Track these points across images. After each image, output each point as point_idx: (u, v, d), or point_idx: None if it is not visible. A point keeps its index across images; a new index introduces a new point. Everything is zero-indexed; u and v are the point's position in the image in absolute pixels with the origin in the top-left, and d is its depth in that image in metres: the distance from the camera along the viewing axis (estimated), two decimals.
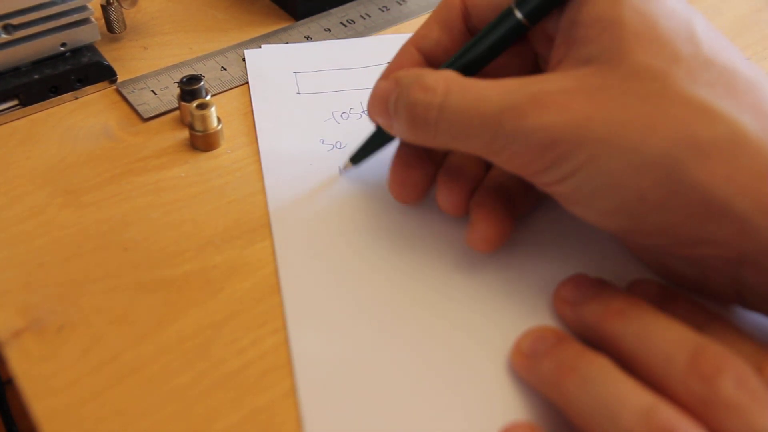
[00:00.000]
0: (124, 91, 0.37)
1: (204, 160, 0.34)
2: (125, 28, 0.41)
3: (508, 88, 0.24)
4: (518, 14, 0.26)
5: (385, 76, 0.29)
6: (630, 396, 0.21)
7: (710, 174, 0.22)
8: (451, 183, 0.29)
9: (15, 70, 0.36)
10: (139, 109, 0.36)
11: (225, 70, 0.39)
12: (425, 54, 0.29)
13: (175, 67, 0.39)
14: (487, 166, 0.30)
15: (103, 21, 0.40)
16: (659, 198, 0.22)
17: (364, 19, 0.43)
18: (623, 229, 0.25)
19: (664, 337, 0.22)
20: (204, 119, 0.33)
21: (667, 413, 0.20)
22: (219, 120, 0.34)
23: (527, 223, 0.30)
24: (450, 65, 0.28)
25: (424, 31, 0.30)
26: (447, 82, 0.25)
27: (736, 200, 0.21)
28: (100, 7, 0.39)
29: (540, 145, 0.23)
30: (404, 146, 0.30)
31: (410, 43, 0.30)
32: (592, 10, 0.24)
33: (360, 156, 0.32)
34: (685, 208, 0.22)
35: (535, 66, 0.30)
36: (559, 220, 0.30)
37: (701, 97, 0.22)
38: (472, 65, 0.27)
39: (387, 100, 0.27)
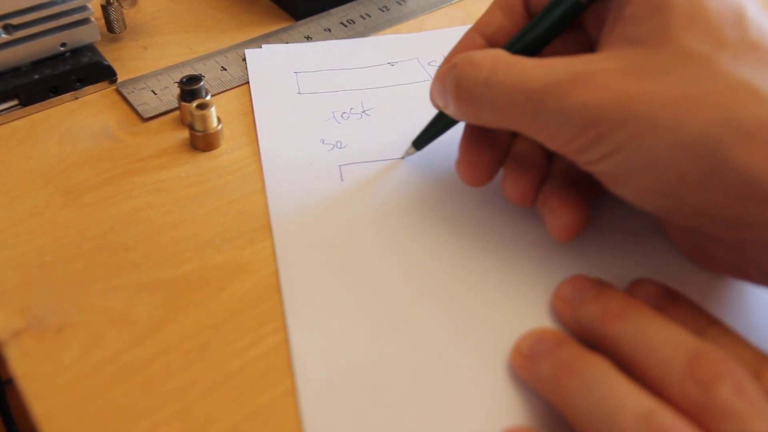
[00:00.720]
0: (124, 91, 0.37)
1: (204, 160, 0.34)
2: (125, 28, 0.41)
3: (552, 66, 0.24)
4: None
5: (447, 60, 0.29)
6: (629, 399, 0.21)
7: (750, 156, 0.21)
8: (519, 172, 0.29)
9: (15, 70, 0.36)
10: (139, 109, 0.36)
11: (225, 70, 0.39)
12: (488, 39, 0.30)
13: (175, 67, 0.39)
14: (551, 155, 0.30)
15: (103, 21, 0.40)
16: (699, 178, 0.22)
17: (364, 19, 0.43)
18: (663, 209, 0.24)
19: (663, 340, 0.22)
20: (204, 119, 0.33)
21: (666, 417, 0.20)
22: (219, 120, 0.34)
23: (527, 223, 0.30)
24: (509, 48, 0.28)
25: (486, 17, 0.30)
26: (494, 58, 0.26)
27: None
28: (100, 7, 0.39)
29: (581, 123, 0.23)
30: (471, 127, 0.30)
31: (473, 29, 0.30)
32: None
33: (422, 140, 0.32)
34: (725, 189, 0.22)
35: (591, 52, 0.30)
36: None
37: (745, 78, 0.22)
38: (531, 47, 0.27)
39: (445, 81, 0.28)
